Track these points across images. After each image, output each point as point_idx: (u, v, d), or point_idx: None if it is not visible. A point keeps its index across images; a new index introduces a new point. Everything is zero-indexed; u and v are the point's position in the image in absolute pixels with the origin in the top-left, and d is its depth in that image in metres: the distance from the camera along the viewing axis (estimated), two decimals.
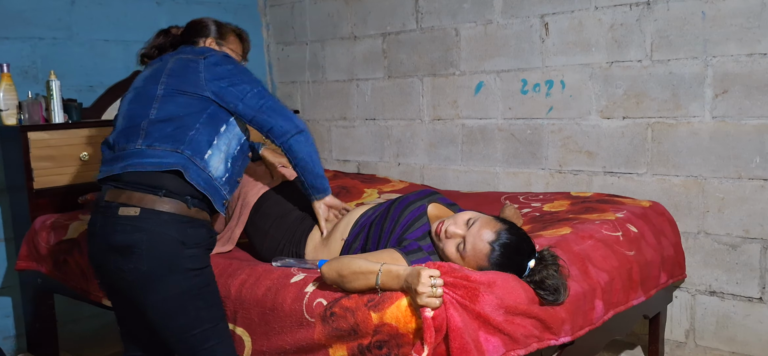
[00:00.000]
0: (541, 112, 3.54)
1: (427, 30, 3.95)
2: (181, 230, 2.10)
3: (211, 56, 2.32)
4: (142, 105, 2.23)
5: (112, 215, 2.10)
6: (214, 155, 2.21)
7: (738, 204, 3.02)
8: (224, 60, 2.34)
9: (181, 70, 2.28)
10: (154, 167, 2.11)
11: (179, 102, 2.21)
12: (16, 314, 3.73)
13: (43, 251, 3.22)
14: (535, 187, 3.61)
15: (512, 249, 2.09)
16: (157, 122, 2.18)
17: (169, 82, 2.25)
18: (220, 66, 2.30)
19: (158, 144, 2.15)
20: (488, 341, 1.91)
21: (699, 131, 3.08)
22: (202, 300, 2.14)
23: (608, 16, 3.26)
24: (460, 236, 2.15)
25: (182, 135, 2.17)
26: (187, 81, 2.25)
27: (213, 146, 2.21)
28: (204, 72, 2.26)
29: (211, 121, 2.24)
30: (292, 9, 4.64)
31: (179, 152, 2.14)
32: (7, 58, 3.54)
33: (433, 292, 1.83)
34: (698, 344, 3.21)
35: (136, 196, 2.09)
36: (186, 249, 2.11)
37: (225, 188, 2.25)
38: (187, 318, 2.12)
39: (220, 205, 2.24)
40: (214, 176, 2.20)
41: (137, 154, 2.15)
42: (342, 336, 2.01)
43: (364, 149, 4.38)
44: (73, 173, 3.49)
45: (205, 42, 2.57)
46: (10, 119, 3.43)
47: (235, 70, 2.33)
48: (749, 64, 2.92)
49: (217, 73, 2.28)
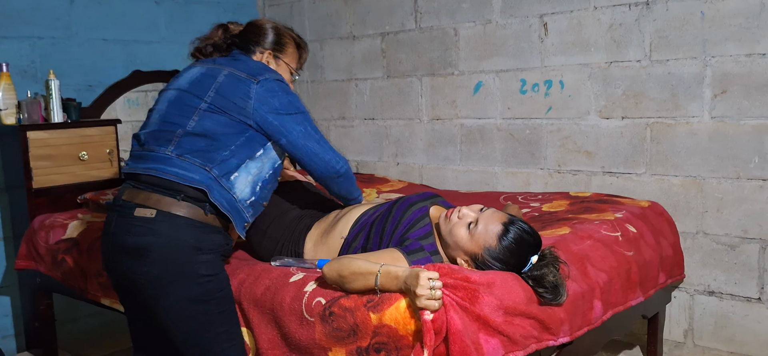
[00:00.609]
0: (540, 112, 3.54)
1: (426, 30, 3.95)
2: (197, 236, 2.08)
3: (265, 81, 2.24)
4: (182, 112, 2.18)
5: (128, 215, 2.08)
6: (241, 177, 2.17)
7: (737, 204, 3.02)
8: (277, 90, 2.26)
9: (230, 89, 2.20)
10: (178, 179, 2.08)
11: (220, 121, 2.16)
12: (15, 313, 3.73)
13: (42, 250, 3.22)
14: (534, 187, 3.61)
15: (523, 235, 2.12)
16: (192, 135, 2.14)
17: (215, 98, 2.18)
18: (272, 98, 2.23)
19: (188, 156, 2.11)
20: (488, 342, 1.92)
21: (698, 131, 3.08)
22: (215, 304, 2.12)
23: (607, 16, 3.27)
24: (473, 218, 2.18)
25: (215, 154, 2.13)
26: (234, 104, 2.18)
27: (242, 168, 2.17)
28: (254, 100, 2.20)
29: (248, 144, 2.20)
30: (291, 9, 4.64)
31: (206, 170, 2.11)
32: (7, 57, 3.54)
33: (432, 294, 1.83)
34: (697, 344, 3.22)
35: (153, 198, 2.07)
36: (201, 255, 2.08)
37: (248, 212, 2.21)
38: (199, 322, 2.10)
39: (241, 228, 2.20)
40: (239, 198, 2.16)
41: (165, 160, 2.12)
42: (341, 337, 2.01)
43: (362, 148, 4.38)
44: (72, 173, 3.50)
45: (263, 54, 2.47)
46: (10, 119, 3.43)
47: (286, 105, 2.26)
48: (748, 64, 2.92)
49: (268, 104, 2.22)
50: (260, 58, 2.45)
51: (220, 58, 2.36)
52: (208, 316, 2.11)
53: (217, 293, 2.13)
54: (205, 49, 2.45)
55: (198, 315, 2.10)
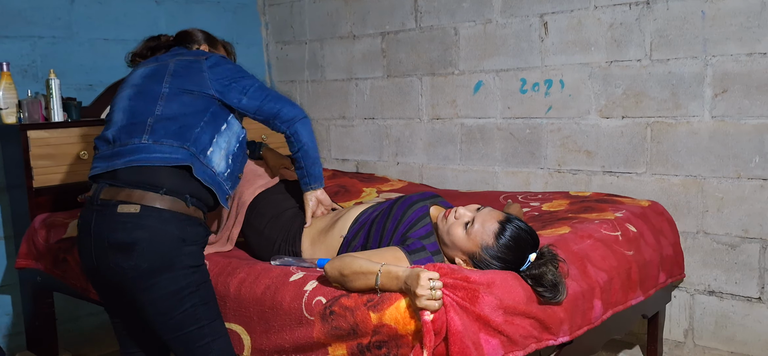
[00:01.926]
0: (540, 111, 3.54)
1: (426, 29, 3.95)
2: (182, 228, 2.12)
3: (211, 57, 2.39)
4: (146, 102, 2.25)
5: (111, 213, 2.10)
6: (216, 152, 2.26)
7: (737, 204, 3.02)
8: (223, 60, 2.41)
9: (184, 70, 2.32)
10: (162, 162, 2.13)
11: (184, 101, 2.26)
12: (16, 312, 3.74)
13: (43, 249, 3.22)
14: (534, 186, 3.61)
15: (520, 233, 2.12)
16: (162, 119, 2.21)
17: (173, 81, 2.28)
18: (220, 65, 2.37)
19: (165, 140, 2.17)
20: (488, 342, 1.92)
21: (698, 130, 3.08)
22: (199, 296, 2.15)
23: (607, 15, 3.26)
24: (470, 218, 2.19)
25: (188, 133, 2.20)
26: (192, 81, 2.30)
27: (214, 144, 2.26)
28: (207, 72, 2.32)
29: (213, 119, 2.28)
30: (291, 8, 4.64)
31: (186, 149, 2.18)
32: (7, 56, 3.54)
33: (432, 294, 1.83)
34: (697, 344, 3.22)
35: (136, 194, 2.10)
36: (186, 246, 2.13)
37: (227, 184, 2.30)
38: (184, 315, 2.13)
39: (224, 199, 2.29)
40: (217, 172, 2.24)
41: (143, 149, 2.15)
42: (341, 335, 2.01)
43: (362, 148, 4.38)
44: (73, 172, 3.49)
45: (200, 47, 2.64)
46: (10, 118, 3.43)
47: (236, 68, 2.41)
48: (749, 63, 2.92)
49: (219, 72, 2.35)
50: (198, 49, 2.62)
51: (161, 55, 2.48)
52: (194, 309, 2.14)
53: (202, 284, 2.17)
54: (144, 52, 2.58)
55: (184, 307, 2.12)
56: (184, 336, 2.15)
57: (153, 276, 2.08)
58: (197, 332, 2.15)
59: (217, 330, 2.21)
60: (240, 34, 4.64)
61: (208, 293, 2.21)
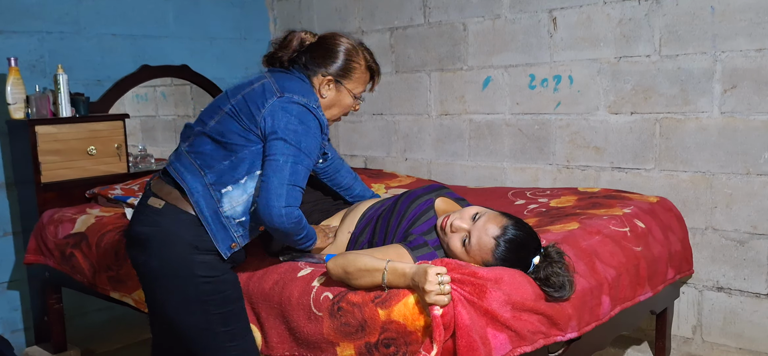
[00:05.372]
0: (548, 107, 3.53)
1: (434, 24, 3.94)
2: (198, 234, 2.06)
3: (286, 99, 2.11)
4: (211, 112, 2.17)
5: (143, 202, 2.13)
6: (235, 193, 2.09)
7: (746, 200, 3.01)
8: (292, 112, 2.10)
9: (254, 96, 2.12)
10: (175, 176, 2.10)
11: (232, 127, 2.10)
12: (24, 307, 3.75)
13: (51, 245, 3.24)
14: (543, 182, 3.61)
15: (517, 245, 2.08)
16: (204, 136, 2.13)
17: (239, 102, 2.12)
18: (282, 115, 2.08)
19: (192, 156, 2.12)
20: (496, 337, 1.91)
21: (707, 126, 3.07)
22: (214, 306, 2.10)
23: (617, 10, 3.25)
24: (466, 231, 2.13)
25: (215, 162, 2.09)
26: (249, 110, 2.10)
27: (238, 185, 2.09)
28: (266, 110, 2.09)
29: (252, 159, 2.10)
30: (299, 3, 4.63)
31: (201, 174, 2.08)
32: (15, 52, 3.55)
33: (441, 290, 1.82)
34: (705, 340, 3.20)
35: (166, 189, 2.10)
36: (198, 255, 2.06)
37: (237, 230, 2.12)
38: (197, 320, 2.10)
39: (225, 247, 2.10)
40: (225, 213, 2.08)
41: (178, 156, 2.16)
42: (350, 332, 2.01)
43: (371, 144, 4.38)
44: (81, 167, 3.51)
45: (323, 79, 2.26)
46: (18, 113, 3.44)
47: (288, 129, 2.08)
48: (758, 59, 2.90)
49: (275, 118, 2.08)
50: (318, 81, 2.26)
51: (277, 71, 2.27)
52: (207, 316, 2.09)
53: (216, 295, 2.10)
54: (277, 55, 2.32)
55: (195, 314, 2.09)
56: (199, 339, 2.12)
57: (161, 277, 2.08)
58: (212, 337, 2.10)
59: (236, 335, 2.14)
60: (248, 30, 4.64)
61: (227, 302, 2.11)
